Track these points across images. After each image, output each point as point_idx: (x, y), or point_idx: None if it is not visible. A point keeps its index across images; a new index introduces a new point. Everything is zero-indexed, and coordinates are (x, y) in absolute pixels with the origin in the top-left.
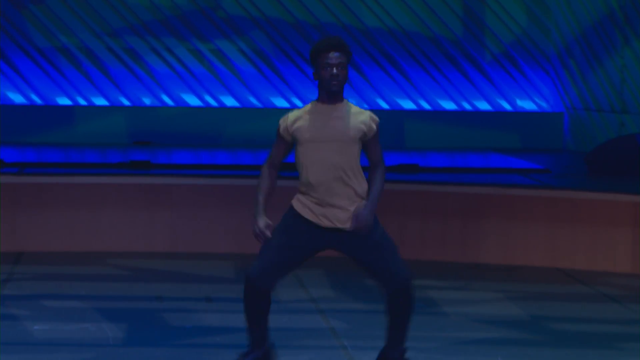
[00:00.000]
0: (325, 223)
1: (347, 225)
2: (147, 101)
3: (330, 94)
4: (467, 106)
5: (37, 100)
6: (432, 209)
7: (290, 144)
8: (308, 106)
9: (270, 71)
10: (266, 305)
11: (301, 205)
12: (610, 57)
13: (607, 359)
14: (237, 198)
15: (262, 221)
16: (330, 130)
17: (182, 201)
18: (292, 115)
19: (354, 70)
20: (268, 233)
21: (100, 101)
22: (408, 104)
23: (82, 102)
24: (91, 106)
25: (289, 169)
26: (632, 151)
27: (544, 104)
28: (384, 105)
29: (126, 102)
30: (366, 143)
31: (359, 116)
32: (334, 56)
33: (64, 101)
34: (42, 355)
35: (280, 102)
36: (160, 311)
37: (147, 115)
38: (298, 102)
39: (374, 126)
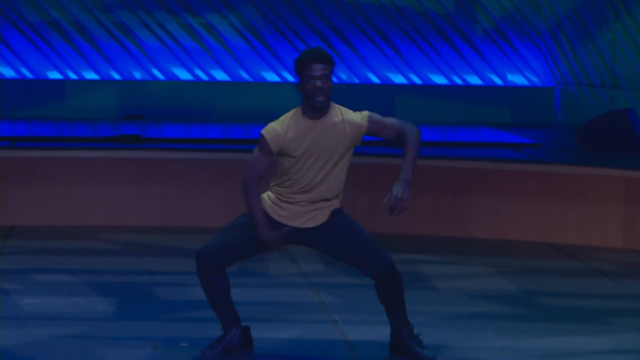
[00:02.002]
0: (295, 224)
1: (317, 223)
2: (137, 75)
3: (316, 108)
4: (458, 80)
5: (28, 74)
6: (423, 183)
7: (274, 157)
8: (292, 117)
9: (261, 45)
10: (223, 283)
11: (270, 203)
12: (601, 32)
13: (598, 333)
14: (228, 172)
15: (272, 233)
16: (320, 146)
17: (173, 175)
18: (279, 128)
19: (345, 45)
20: (282, 244)
21: (91, 75)
22: (399, 79)
23: (73, 76)
24: (82, 80)
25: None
26: (623, 126)
27: (535, 79)
28: (375, 80)
29: (117, 77)
30: (374, 134)
31: (346, 123)
32: (317, 68)
33: (54, 75)
34: (33, 329)
35: (271, 77)
36: (151, 285)
37: (137, 89)
38: (289, 77)
39: (365, 123)
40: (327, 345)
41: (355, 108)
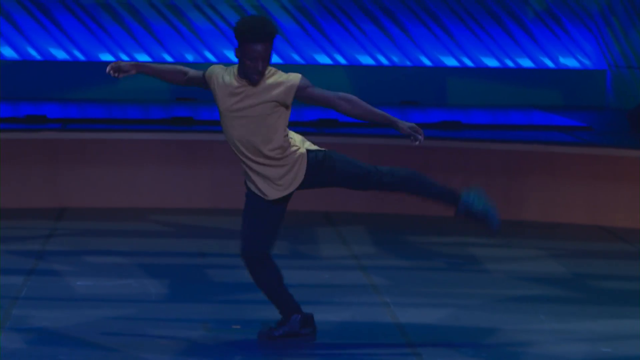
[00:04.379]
0: (267, 197)
1: (280, 194)
2: (189, 57)
3: (251, 82)
4: (509, 63)
5: (80, 56)
6: (475, 166)
7: (204, 85)
8: (233, 70)
9: (312, 27)
10: (272, 271)
11: (246, 176)
12: None
13: None
14: None
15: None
16: (241, 107)
17: (223, 157)
18: (219, 68)
19: (397, 27)
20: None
21: (143, 57)
22: (451, 61)
23: (125, 58)
24: None
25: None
26: None
27: (586, 62)
28: (427, 62)
29: (169, 59)
30: (305, 100)
31: (274, 88)
32: (260, 49)
33: (106, 57)
34: (85, 310)
35: (322, 59)
36: (203, 267)
37: None
38: (341, 59)
39: (293, 88)
40: (378, 328)
41: (407, 91)
